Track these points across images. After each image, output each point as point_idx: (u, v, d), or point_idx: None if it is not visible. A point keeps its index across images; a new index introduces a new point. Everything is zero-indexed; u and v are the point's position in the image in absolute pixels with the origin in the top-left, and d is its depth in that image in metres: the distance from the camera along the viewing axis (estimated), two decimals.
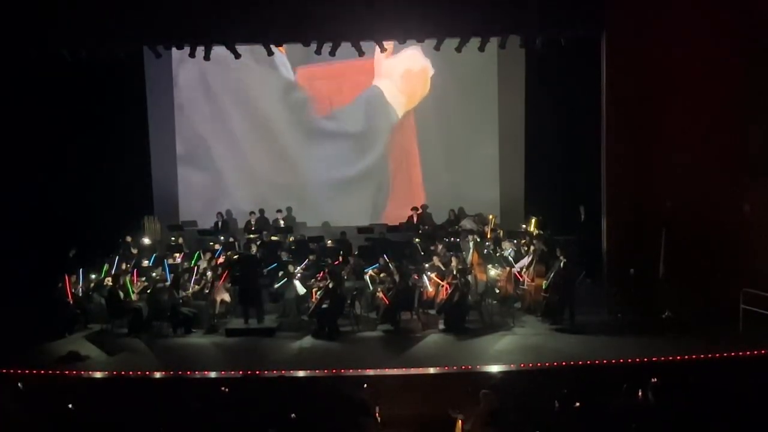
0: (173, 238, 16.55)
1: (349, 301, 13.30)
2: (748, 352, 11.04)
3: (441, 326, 13.00)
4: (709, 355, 10.96)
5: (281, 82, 18.26)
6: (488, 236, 15.53)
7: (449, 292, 13.12)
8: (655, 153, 13.56)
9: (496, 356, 11.60)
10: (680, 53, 13.25)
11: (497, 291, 13.60)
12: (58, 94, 15.91)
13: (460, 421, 8.24)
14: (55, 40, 14.06)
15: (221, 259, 14.63)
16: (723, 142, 13.33)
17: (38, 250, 14.95)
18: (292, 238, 16.12)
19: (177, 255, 15.07)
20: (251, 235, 16.42)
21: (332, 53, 15.23)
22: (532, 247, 14.15)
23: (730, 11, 13.11)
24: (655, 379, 8.65)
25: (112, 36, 13.99)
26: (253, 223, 17.29)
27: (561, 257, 13.09)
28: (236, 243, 15.88)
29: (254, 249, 14.18)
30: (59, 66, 14.85)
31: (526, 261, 13.94)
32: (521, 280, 13.76)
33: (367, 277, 13.80)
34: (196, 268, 14.19)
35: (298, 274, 13.77)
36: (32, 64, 14.42)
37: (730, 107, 13.28)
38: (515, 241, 14.93)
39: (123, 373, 11.01)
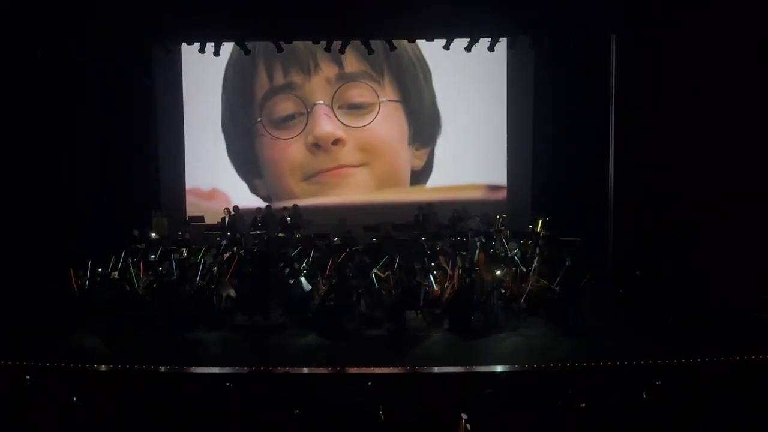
0: (180, 233, 16.59)
1: (354, 299, 13.32)
2: (753, 357, 11.01)
3: (446, 326, 13.01)
4: (714, 359, 10.94)
5: None
6: (494, 236, 15.52)
7: (455, 291, 13.13)
8: (663, 154, 13.54)
9: (501, 356, 11.60)
10: (688, 53, 13.22)
11: (503, 291, 13.58)
12: (67, 89, 15.96)
13: (463, 421, 8.24)
14: (63, 36, 14.10)
15: (227, 255, 14.66)
16: (732, 142, 13.30)
17: (46, 244, 15.00)
18: (299, 235, 16.14)
19: (184, 250, 15.10)
20: (258, 231, 16.47)
21: (341, 51, 15.29)
22: (537, 248, 14.15)
23: (738, 11, 13.07)
24: (659, 382, 8.66)
25: (122, 32, 14.03)
26: (259, 219, 17.31)
27: (567, 259, 13.09)
28: (242, 239, 15.91)
29: (262, 245, 14.19)
30: (68, 61, 14.90)
31: (535, 262, 13.96)
32: (527, 280, 13.75)
33: (372, 275, 13.80)
34: (202, 263, 14.21)
35: (304, 271, 13.79)
36: (41, 60, 14.45)
37: (739, 107, 13.24)
38: (521, 242, 14.92)
39: (128, 366, 11.05)
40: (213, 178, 18.50)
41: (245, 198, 18.13)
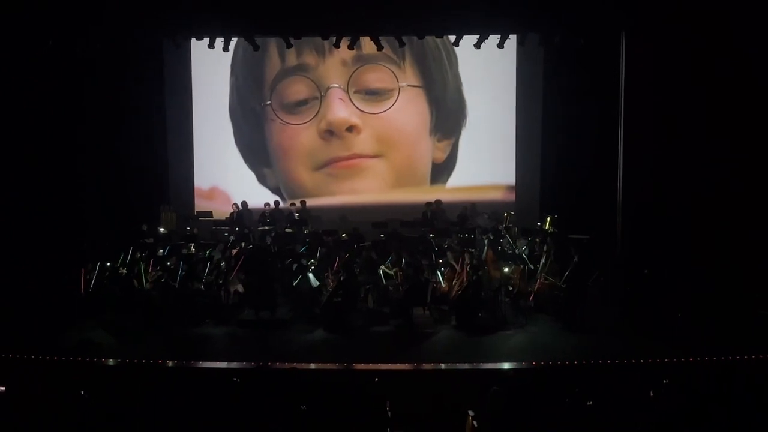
0: (188, 228, 16.63)
1: (361, 295, 13.33)
2: (761, 356, 10.97)
3: (453, 322, 13.00)
4: (722, 358, 10.91)
5: None
6: (502, 234, 15.49)
7: (462, 288, 13.13)
8: (672, 153, 13.49)
9: (508, 353, 11.58)
10: (699, 52, 13.16)
11: (510, 288, 13.57)
12: (77, 83, 15.98)
13: (470, 417, 8.24)
14: (72, 31, 14.10)
15: (235, 251, 14.68)
16: (741, 141, 13.24)
17: (54, 239, 15.03)
18: (306, 231, 16.14)
19: (192, 245, 15.13)
20: (265, 227, 16.48)
21: (351, 47, 15.24)
22: (545, 246, 14.13)
23: (749, 10, 13.00)
24: (667, 380, 8.64)
25: (131, 26, 14.03)
26: (267, 214, 17.31)
27: (575, 256, 13.07)
28: (250, 235, 15.93)
29: (268, 240, 14.18)
30: (78, 55, 14.91)
31: (543, 260, 13.93)
32: (535, 278, 13.73)
33: (380, 272, 13.81)
34: (210, 258, 14.24)
35: (312, 267, 13.80)
36: (49, 54, 14.45)
37: (750, 106, 13.18)
38: (529, 239, 14.90)
39: (135, 361, 11.08)
40: (216, 176, 18.44)
41: (246, 196, 17.86)
